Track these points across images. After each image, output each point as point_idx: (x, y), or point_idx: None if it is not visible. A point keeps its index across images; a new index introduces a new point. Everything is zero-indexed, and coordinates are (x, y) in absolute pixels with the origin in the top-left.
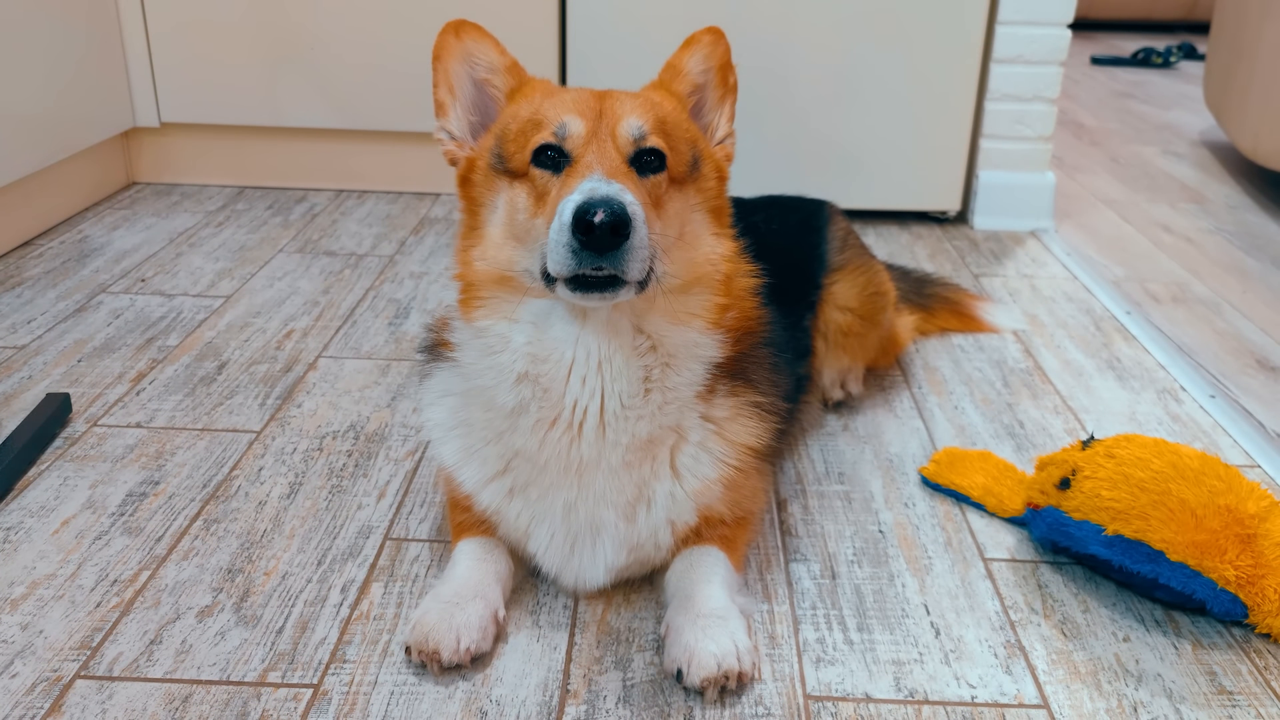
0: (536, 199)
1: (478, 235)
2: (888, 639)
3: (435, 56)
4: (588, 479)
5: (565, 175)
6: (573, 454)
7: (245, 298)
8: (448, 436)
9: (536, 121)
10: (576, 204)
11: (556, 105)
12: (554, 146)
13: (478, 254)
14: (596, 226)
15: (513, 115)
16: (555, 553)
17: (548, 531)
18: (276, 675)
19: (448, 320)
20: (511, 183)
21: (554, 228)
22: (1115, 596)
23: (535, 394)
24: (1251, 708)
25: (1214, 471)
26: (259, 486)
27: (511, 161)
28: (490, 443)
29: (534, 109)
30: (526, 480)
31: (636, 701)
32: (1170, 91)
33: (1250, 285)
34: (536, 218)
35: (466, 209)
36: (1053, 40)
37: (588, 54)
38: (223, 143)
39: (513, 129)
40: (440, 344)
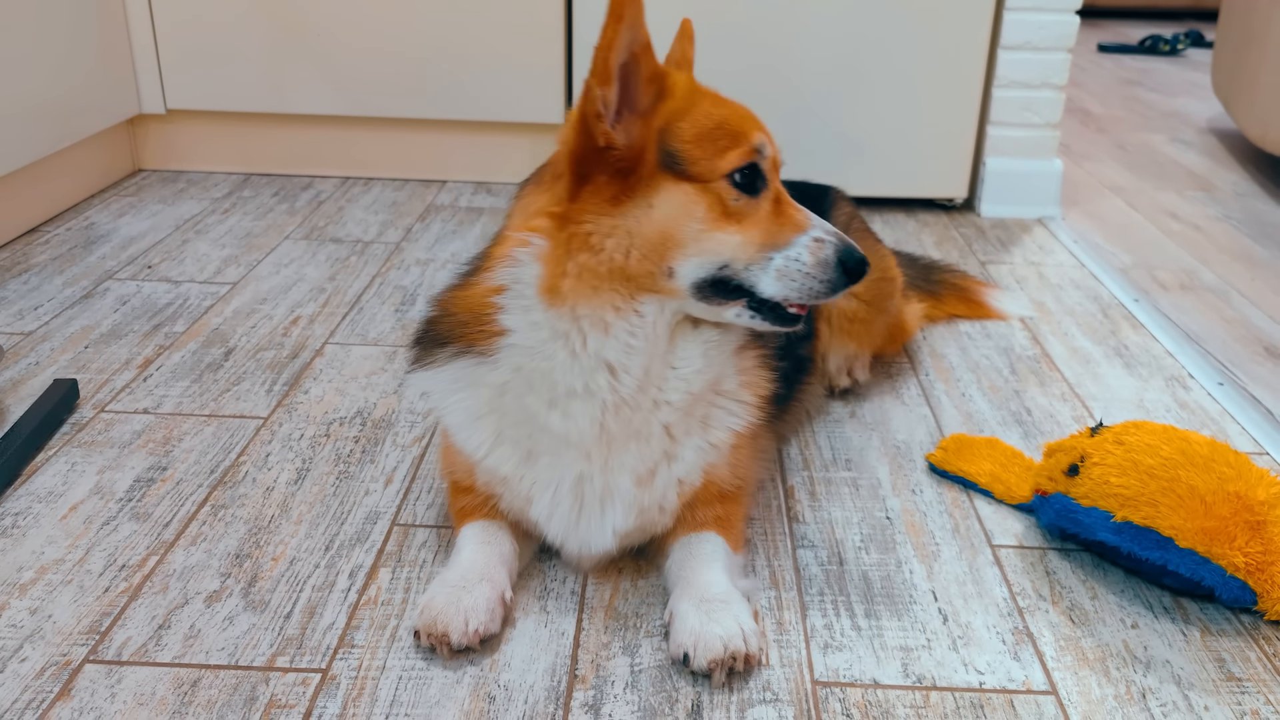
0: (721, 215)
1: (610, 224)
2: (895, 625)
3: (616, 16)
4: (617, 448)
5: (773, 205)
6: (617, 429)
7: (251, 284)
8: (470, 422)
9: (731, 133)
10: (838, 248)
11: (747, 121)
12: (756, 168)
13: (614, 245)
14: (861, 273)
15: (688, 114)
16: (561, 520)
17: (554, 499)
18: (285, 660)
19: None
20: (679, 184)
21: (795, 257)
22: (1123, 583)
23: (610, 381)
24: (1260, 694)
25: (1223, 458)
26: (266, 472)
27: (695, 167)
28: (520, 424)
29: (722, 116)
30: (543, 451)
31: (644, 687)
32: (1178, 79)
33: (1258, 273)
34: (719, 232)
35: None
36: (1061, 26)
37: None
38: (229, 130)
39: (691, 131)
40: (450, 331)
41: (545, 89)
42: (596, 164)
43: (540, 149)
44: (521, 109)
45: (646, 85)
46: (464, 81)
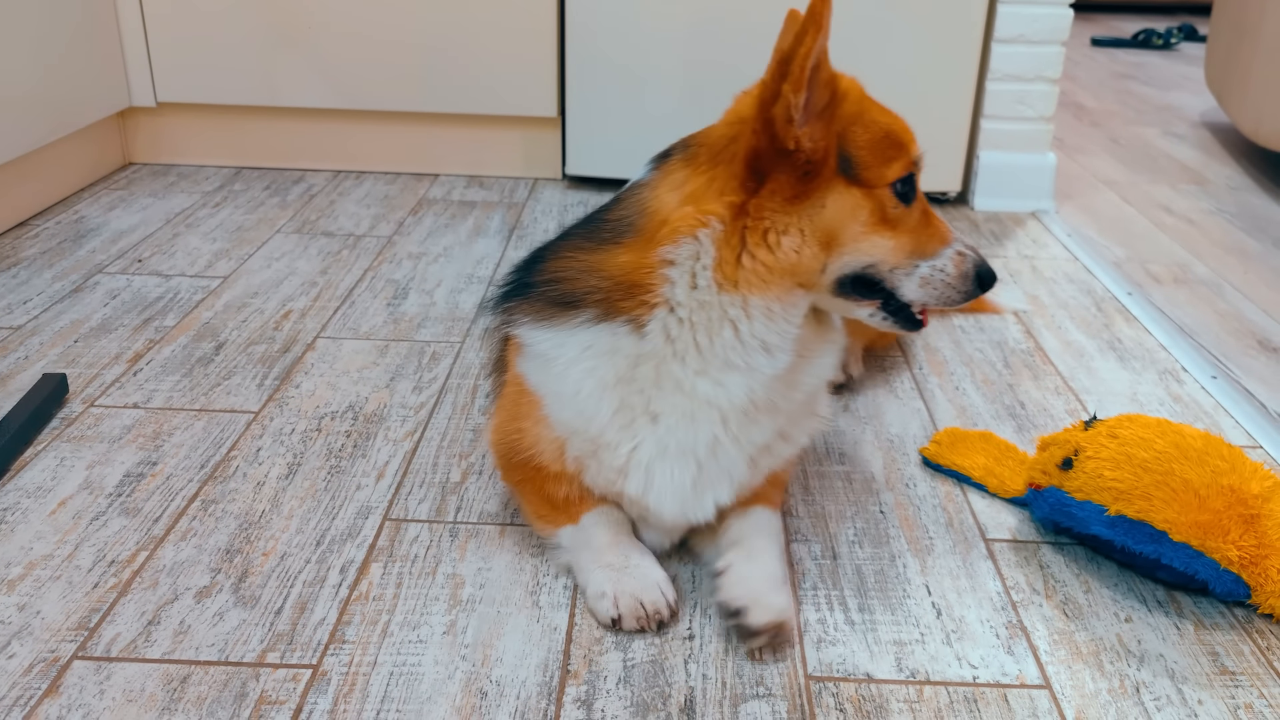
0: (880, 220)
1: (786, 222)
2: (889, 619)
3: (816, 24)
4: (751, 421)
5: (921, 215)
6: (762, 402)
7: (243, 278)
8: (596, 392)
9: (897, 142)
10: (977, 262)
11: (907, 131)
12: (913, 179)
13: (790, 243)
14: (991, 286)
15: (860, 120)
16: (672, 487)
17: (668, 466)
18: (275, 656)
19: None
20: (849, 189)
21: (941, 268)
22: (1117, 577)
23: (767, 360)
24: (1254, 688)
25: (1217, 452)
26: (257, 467)
27: (866, 173)
28: (647, 390)
29: (888, 125)
30: (670, 413)
31: (637, 682)
32: (1171, 73)
33: (1252, 266)
34: (876, 235)
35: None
36: (1054, 20)
37: (589, 24)
38: (220, 123)
39: (865, 138)
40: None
41: (538, 82)
42: (778, 164)
43: (533, 142)
44: (514, 102)
45: (823, 89)
46: (456, 74)
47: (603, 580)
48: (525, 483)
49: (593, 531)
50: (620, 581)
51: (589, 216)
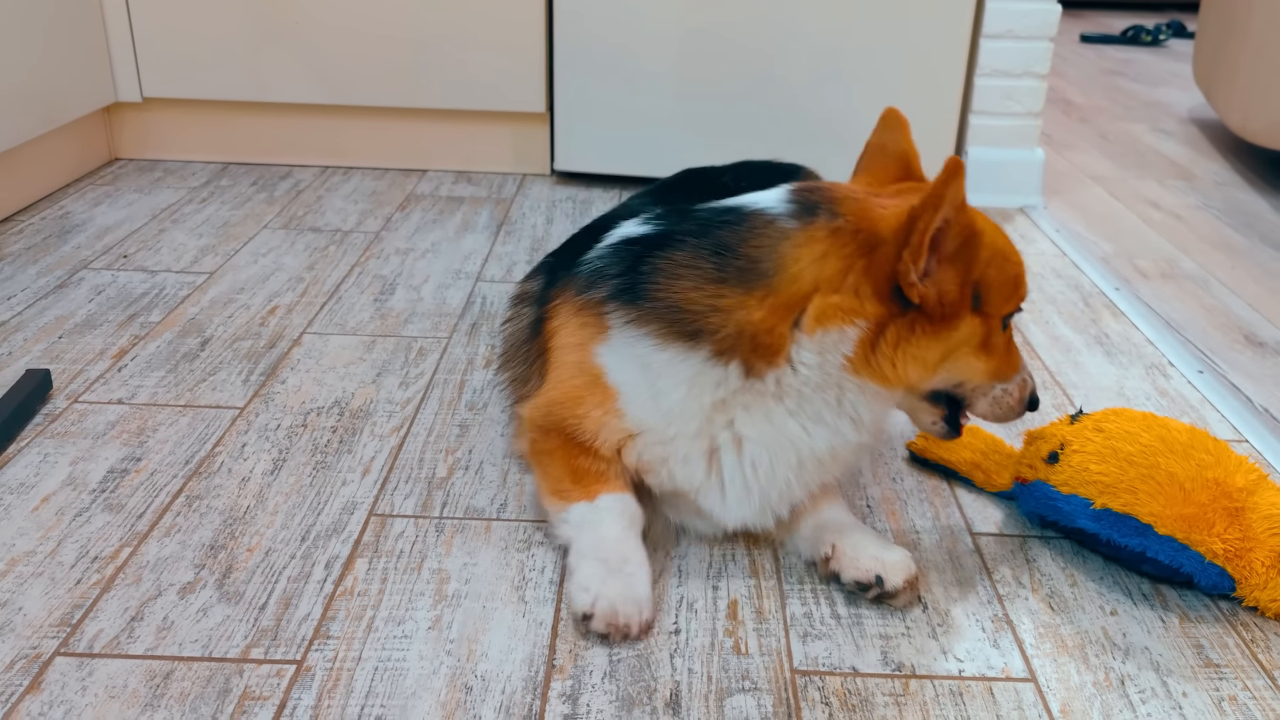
0: (982, 345)
1: (908, 345)
2: (875, 614)
3: (934, 206)
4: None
5: (1008, 341)
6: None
7: (229, 274)
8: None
9: (1016, 282)
10: (1032, 389)
11: (1022, 269)
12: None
13: (907, 366)
14: (1034, 410)
15: (996, 264)
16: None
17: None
18: (259, 652)
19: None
20: (972, 319)
21: (1010, 390)
22: (1103, 570)
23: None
24: (1238, 680)
25: (1202, 445)
26: (242, 463)
27: (988, 307)
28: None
29: (1015, 268)
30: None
31: (623, 676)
32: (1159, 69)
33: (1238, 261)
34: (975, 359)
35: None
36: (1043, 15)
37: (576, 27)
38: (207, 118)
39: (997, 280)
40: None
41: (526, 77)
42: (906, 300)
43: (522, 137)
44: (503, 97)
45: (955, 237)
46: (445, 70)
47: (591, 573)
48: (555, 451)
49: (604, 516)
50: (607, 582)
51: (706, 220)
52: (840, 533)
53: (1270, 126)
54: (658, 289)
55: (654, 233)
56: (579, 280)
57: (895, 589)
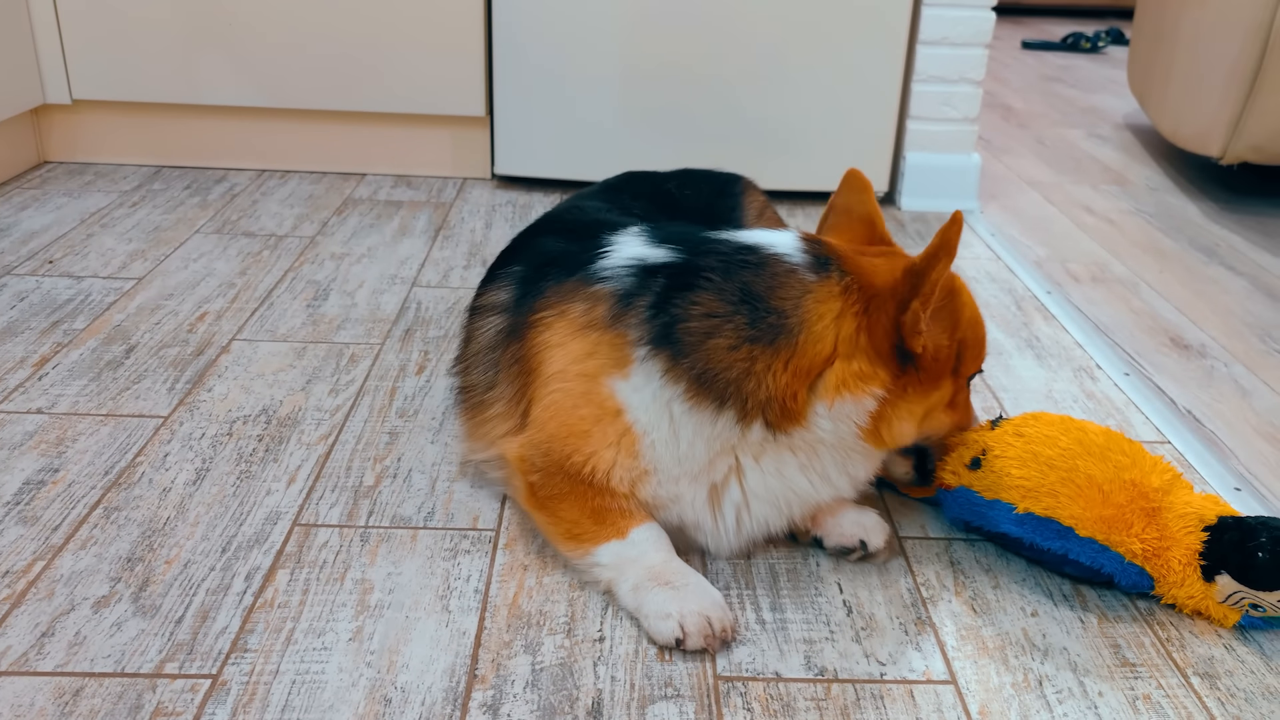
0: (951, 402)
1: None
2: (800, 618)
3: (949, 253)
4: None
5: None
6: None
7: (158, 280)
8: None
9: (981, 343)
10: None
11: (984, 330)
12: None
13: (901, 427)
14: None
15: (974, 325)
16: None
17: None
18: (174, 666)
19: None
20: (949, 380)
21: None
22: (1025, 572)
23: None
24: (1152, 678)
25: (1119, 447)
26: (164, 473)
27: (962, 367)
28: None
29: (983, 331)
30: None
31: (545, 685)
32: (1097, 76)
33: (1167, 265)
34: (945, 415)
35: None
36: (977, 22)
37: (516, 31)
38: (139, 121)
39: (973, 339)
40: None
41: (465, 81)
42: (905, 355)
43: (462, 141)
44: (442, 101)
45: (941, 293)
46: (383, 73)
47: (665, 600)
48: (566, 495)
49: (645, 548)
50: (685, 600)
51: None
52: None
53: (1199, 133)
54: (695, 345)
55: (675, 262)
56: (591, 297)
57: (875, 550)
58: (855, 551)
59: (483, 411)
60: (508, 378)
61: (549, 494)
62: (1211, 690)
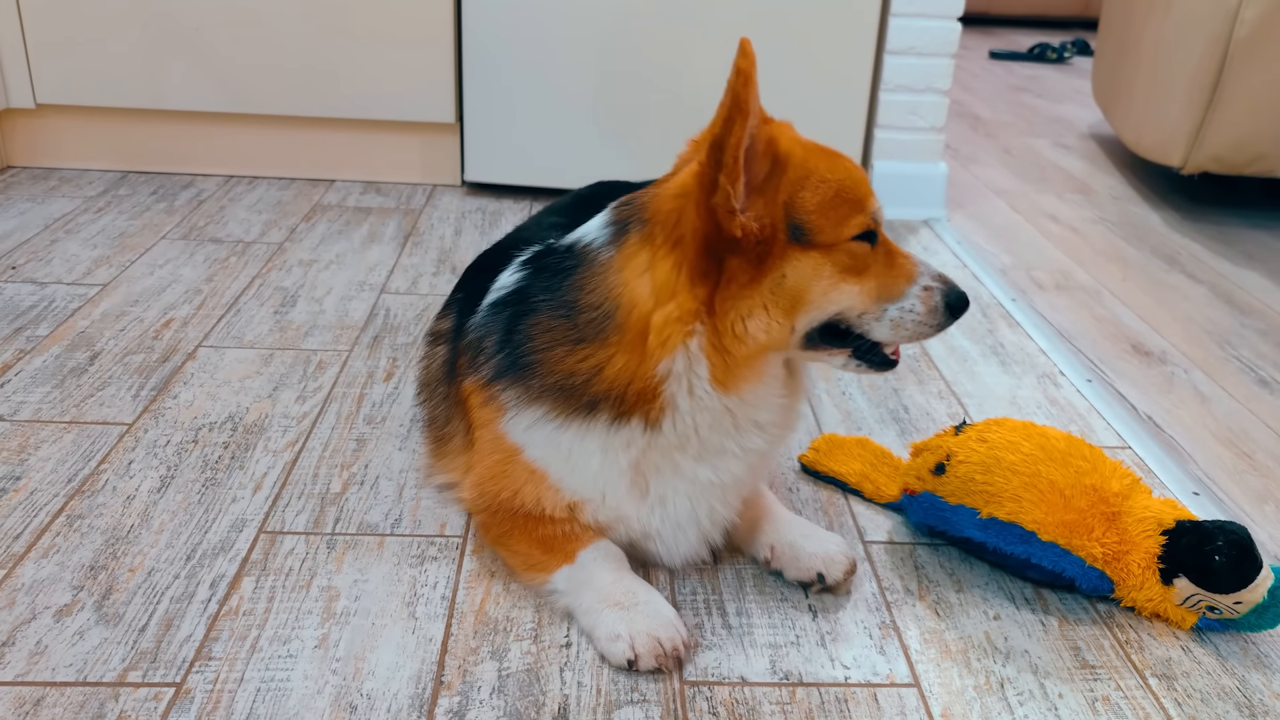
0: (843, 272)
1: (749, 305)
2: (766, 623)
3: (741, 111)
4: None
5: (885, 256)
6: (757, 467)
7: (123, 286)
8: (613, 478)
9: (850, 200)
10: (945, 292)
11: (861, 184)
12: (872, 230)
13: (756, 326)
14: (964, 310)
15: (807, 183)
16: (682, 547)
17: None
18: (137, 675)
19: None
20: (807, 253)
21: (909, 308)
22: (988, 576)
23: (761, 437)
24: (1111, 680)
25: (1079, 452)
26: (128, 480)
27: (820, 236)
28: (654, 473)
29: (838, 182)
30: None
31: (511, 691)
32: (1063, 86)
33: (1130, 273)
34: (842, 286)
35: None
36: (944, 33)
37: (485, 41)
38: (104, 125)
39: (814, 202)
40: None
41: (435, 87)
42: (729, 249)
43: (430, 149)
44: (412, 108)
45: (762, 158)
46: (353, 79)
47: (614, 621)
48: (514, 530)
49: (593, 569)
50: (633, 620)
51: (554, 270)
52: (776, 533)
53: (1160, 143)
54: (538, 365)
55: (515, 291)
56: (468, 350)
57: (836, 582)
58: (814, 585)
59: (445, 444)
60: (458, 414)
61: (499, 531)
62: (1169, 691)
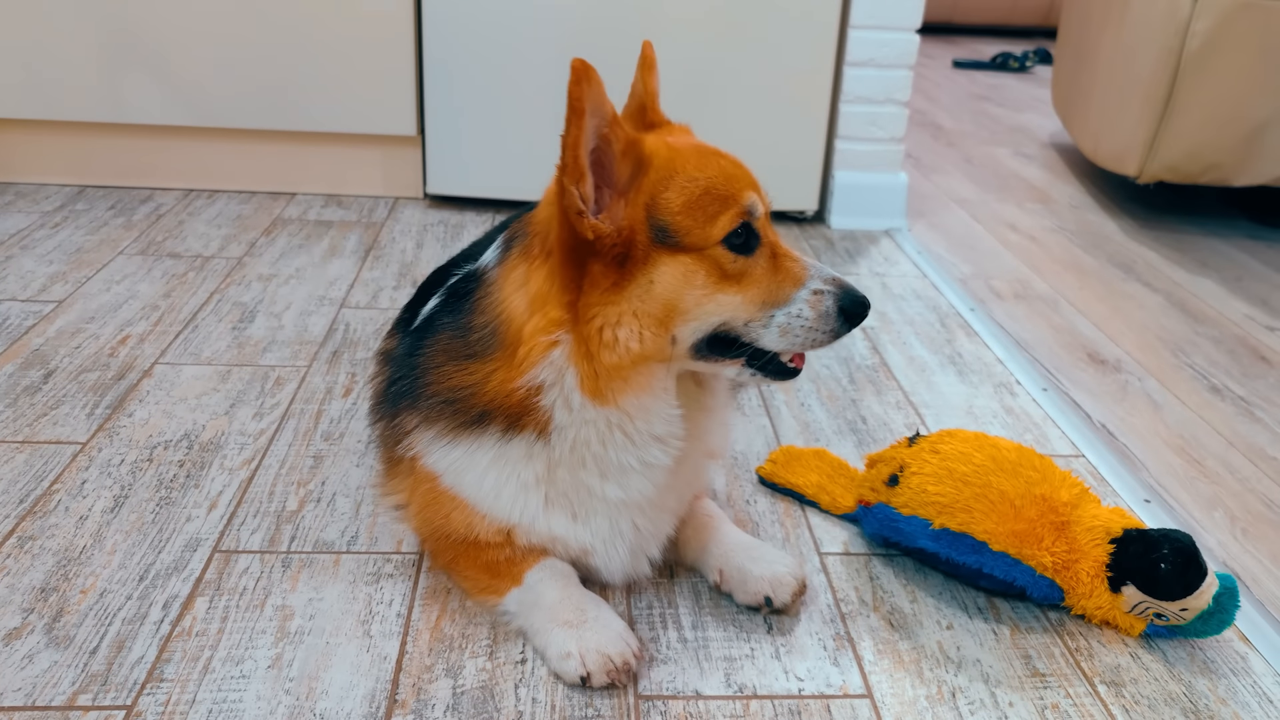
0: (720, 278)
1: (617, 312)
2: (721, 636)
3: (576, 111)
4: (666, 495)
5: (770, 260)
6: (670, 482)
7: (79, 302)
8: (518, 494)
9: (720, 197)
10: (838, 295)
11: (734, 180)
12: (749, 227)
13: (626, 334)
14: (862, 315)
15: (672, 183)
16: (618, 564)
17: (609, 551)
18: (87, 698)
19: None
20: (675, 257)
21: (796, 313)
22: (942, 586)
23: (662, 450)
24: (1061, 688)
25: (1029, 462)
26: (80, 501)
27: (687, 237)
28: (570, 493)
29: (707, 180)
30: (595, 514)
31: (465, 709)
32: (1024, 95)
33: (1087, 282)
34: (720, 294)
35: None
36: (903, 44)
37: (443, 57)
38: (62, 139)
39: (678, 202)
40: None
41: (397, 100)
42: (589, 253)
43: (392, 162)
44: (373, 121)
45: (622, 161)
46: (314, 92)
47: (564, 639)
48: (460, 558)
49: (540, 590)
50: (583, 638)
51: (459, 292)
52: (724, 555)
53: (1117, 152)
54: (430, 384)
55: (427, 318)
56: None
57: (785, 605)
58: (762, 608)
59: (396, 465)
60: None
61: (447, 559)
62: (1117, 698)
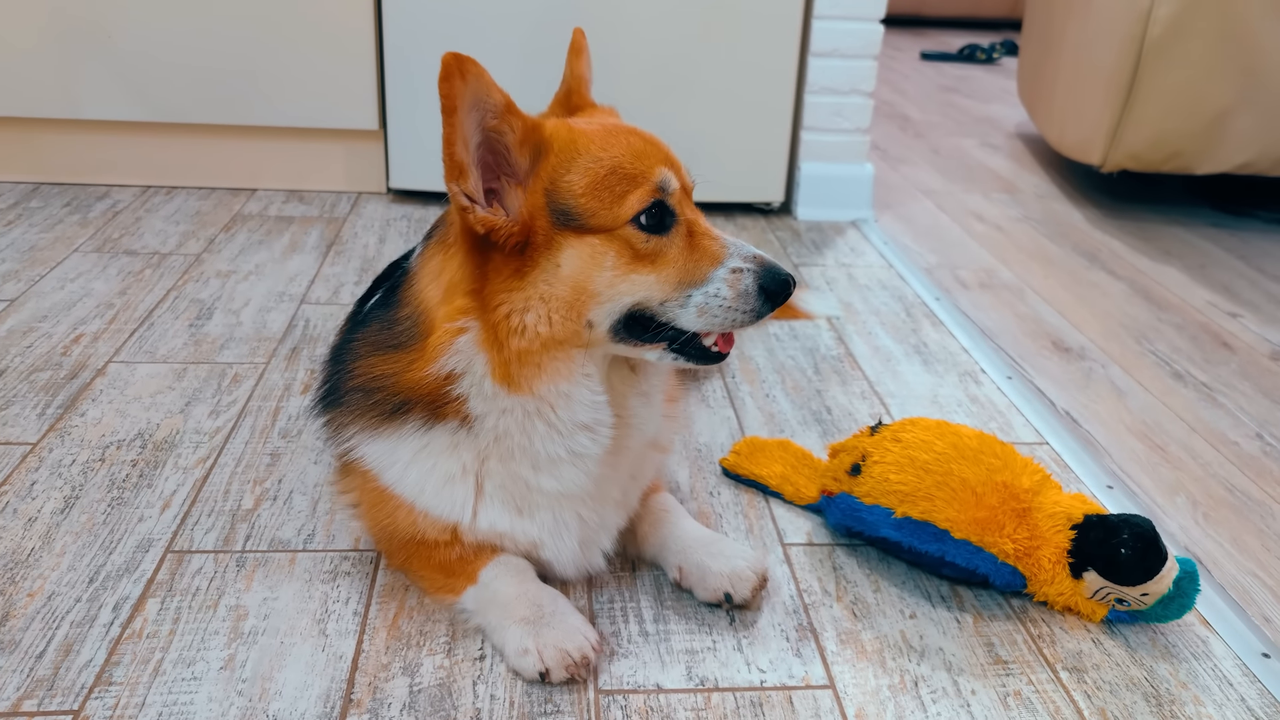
0: (632, 258)
1: (523, 298)
2: (683, 629)
3: (448, 109)
4: (605, 485)
5: (685, 239)
6: (606, 471)
7: (32, 301)
8: (444, 486)
9: (627, 176)
10: (758, 274)
11: (643, 157)
12: (663, 205)
13: (534, 319)
14: (785, 295)
15: (574, 165)
16: (568, 556)
17: (558, 544)
18: (32, 704)
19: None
20: (582, 239)
21: (715, 293)
22: (905, 575)
23: (591, 438)
24: (1023, 675)
25: (991, 450)
26: (29, 502)
27: (593, 219)
28: (508, 485)
29: (613, 159)
30: (538, 506)
31: (422, 707)
32: (991, 86)
33: (1052, 271)
34: (633, 274)
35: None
36: (867, 35)
37: (404, 48)
38: (14, 136)
39: (581, 184)
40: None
41: (358, 94)
42: (489, 244)
43: (355, 156)
44: (334, 115)
45: (520, 149)
46: (274, 86)
47: (521, 636)
48: (413, 558)
49: (496, 587)
50: (540, 634)
51: (391, 287)
52: (683, 551)
53: (1081, 141)
54: (356, 376)
55: (365, 315)
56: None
57: (745, 600)
58: (723, 604)
59: (347, 463)
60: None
61: (400, 559)
62: (1079, 684)
